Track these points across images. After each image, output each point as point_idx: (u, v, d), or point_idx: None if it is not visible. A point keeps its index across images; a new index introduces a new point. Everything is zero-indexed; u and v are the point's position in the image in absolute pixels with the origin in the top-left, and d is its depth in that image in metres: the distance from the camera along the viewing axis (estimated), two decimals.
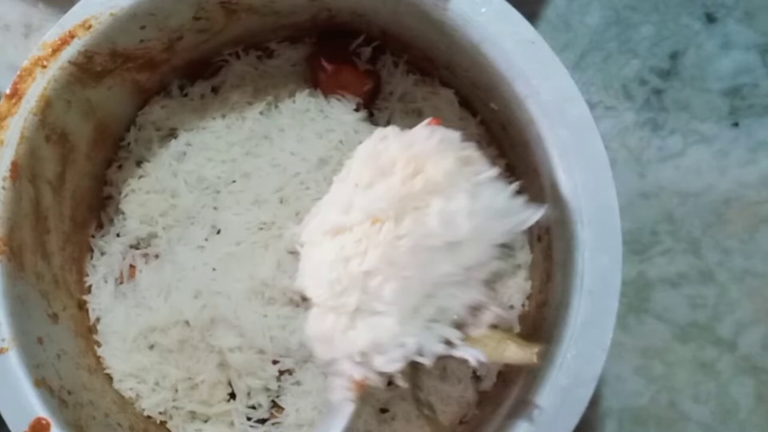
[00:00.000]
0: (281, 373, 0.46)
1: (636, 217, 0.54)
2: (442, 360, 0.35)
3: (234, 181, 0.48)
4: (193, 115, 0.50)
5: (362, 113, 0.48)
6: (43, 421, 0.40)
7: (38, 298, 0.44)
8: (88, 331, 0.48)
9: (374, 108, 0.50)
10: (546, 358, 0.38)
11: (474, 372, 0.46)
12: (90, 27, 0.43)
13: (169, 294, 0.47)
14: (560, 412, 0.37)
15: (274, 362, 0.46)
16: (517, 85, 0.40)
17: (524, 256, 0.47)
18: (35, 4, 0.58)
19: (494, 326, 0.35)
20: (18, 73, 0.43)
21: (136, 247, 0.50)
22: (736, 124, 0.54)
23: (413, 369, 0.35)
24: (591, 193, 0.39)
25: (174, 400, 0.47)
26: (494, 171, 0.35)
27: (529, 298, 0.47)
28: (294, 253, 0.46)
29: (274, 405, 0.47)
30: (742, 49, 0.55)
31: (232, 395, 0.47)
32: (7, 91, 0.43)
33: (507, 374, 0.46)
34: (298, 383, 0.46)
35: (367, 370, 0.34)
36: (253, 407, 0.47)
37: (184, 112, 0.50)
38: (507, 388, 0.44)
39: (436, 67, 0.49)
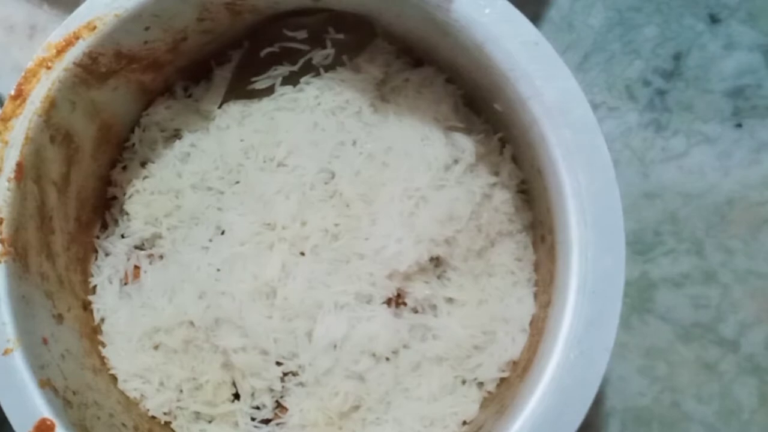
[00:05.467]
0: (285, 374, 0.46)
1: (639, 217, 0.54)
2: None
3: (238, 182, 0.48)
4: (197, 116, 0.51)
5: (368, 113, 0.48)
6: (48, 422, 0.40)
7: (43, 298, 0.44)
8: (92, 332, 0.49)
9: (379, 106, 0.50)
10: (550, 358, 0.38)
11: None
12: (95, 28, 0.43)
13: (173, 294, 0.47)
14: (563, 412, 0.37)
15: (278, 363, 0.46)
16: (521, 85, 0.40)
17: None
18: (40, 5, 0.58)
19: None
20: (23, 74, 0.43)
21: (140, 247, 0.50)
22: (739, 125, 0.54)
23: None
24: (594, 194, 0.39)
25: (178, 401, 0.47)
26: None
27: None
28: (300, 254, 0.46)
29: (278, 405, 0.47)
30: (746, 50, 0.55)
31: (237, 395, 0.47)
32: (12, 92, 0.43)
33: (510, 375, 0.46)
34: (302, 384, 0.46)
35: None
36: (257, 408, 0.47)
37: (188, 113, 0.51)
38: (509, 388, 0.44)
39: (440, 67, 0.49)
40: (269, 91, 0.49)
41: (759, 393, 0.51)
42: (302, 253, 0.46)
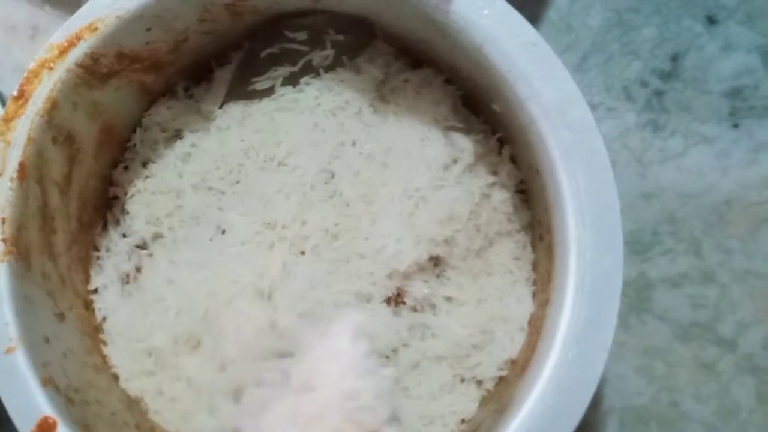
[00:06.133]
0: None
1: (637, 217, 0.54)
2: None
3: (238, 182, 0.49)
4: (198, 116, 0.51)
5: (368, 114, 0.49)
6: (50, 420, 0.40)
7: (45, 297, 0.44)
8: (94, 331, 0.49)
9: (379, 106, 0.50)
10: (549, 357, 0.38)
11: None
12: (96, 29, 0.43)
13: (174, 294, 0.47)
14: (562, 411, 0.38)
15: None
16: (519, 86, 0.41)
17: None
18: (42, 5, 0.58)
19: None
20: (25, 74, 0.43)
21: (141, 247, 0.50)
22: (736, 126, 0.54)
23: None
24: (592, 194, 0.39)
25: None
26: None
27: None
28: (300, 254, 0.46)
29: None
30: (743, 50, 0.55)
31: None
32: (14, 93, 0.43)
33: (508, 374, 0.46)
34: None
35: None
36: None
37: (189, 114, 0.51)
38: (508, 387, 0.44)
39: (439, 68, 0.49)
40: (269, 91, 0.50)
41: (757, 392, 0.52)
42: (302, 253, 0.46)
